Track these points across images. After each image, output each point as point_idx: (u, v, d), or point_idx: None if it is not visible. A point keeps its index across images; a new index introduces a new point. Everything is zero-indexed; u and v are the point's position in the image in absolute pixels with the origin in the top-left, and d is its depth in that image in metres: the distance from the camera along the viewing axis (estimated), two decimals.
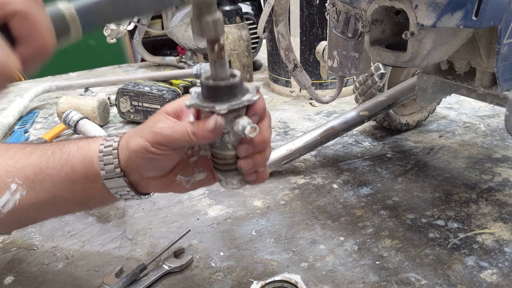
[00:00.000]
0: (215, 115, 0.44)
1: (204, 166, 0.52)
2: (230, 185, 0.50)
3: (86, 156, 0.50)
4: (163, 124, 0.46)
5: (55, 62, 2.82)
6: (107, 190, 0.50)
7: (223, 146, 0.48)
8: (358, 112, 1.04)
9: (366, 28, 0.69)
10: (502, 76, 0.69)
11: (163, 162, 0.48)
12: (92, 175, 0.50)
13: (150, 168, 0.49)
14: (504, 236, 0.75)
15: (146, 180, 0.51)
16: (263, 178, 0.50)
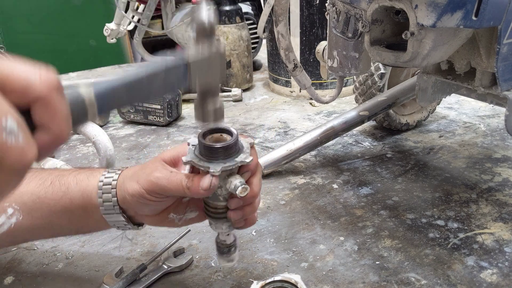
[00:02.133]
0: (210, 176, 0.47)
1: (196, 206, 0.56)
2: (220, 229, 0.54)
3: (85, 191, 0.52)
4: (159, 174, 0.49)
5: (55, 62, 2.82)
6: (104, 221, 0.54)
7: (215, 197, 0.51)
8: (358, 112, 1.04)
9: (366, 28, 0.69)
10: (502, 76, 0.69)
11: (157, 206, 0.52)
12: (91, 208, 0.52)
13: (144, 210, 0.52)
14: (504, 236, 0.75)
15: (140, 217, 0.55)
16: (251, 223, 0.54)
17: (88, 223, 0.55)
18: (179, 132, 1.28)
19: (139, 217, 0.55)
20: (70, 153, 1.17)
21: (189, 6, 1.90)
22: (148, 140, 1.23)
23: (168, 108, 1.29)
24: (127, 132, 1.28)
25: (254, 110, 1.44)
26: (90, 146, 1.18)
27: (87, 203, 0.52)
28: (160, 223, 0.55)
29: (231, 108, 1.46)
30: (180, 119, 1.37)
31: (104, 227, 0.56)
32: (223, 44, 0.43)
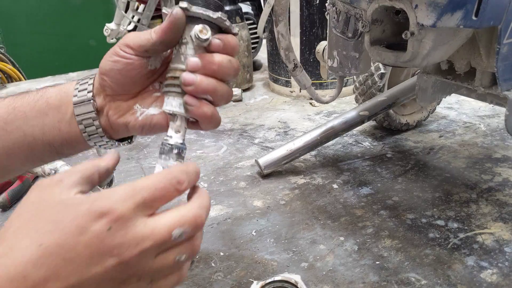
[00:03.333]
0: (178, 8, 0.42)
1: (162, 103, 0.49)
2: (169, 106, 0.44)
3: (62, 88, 0.51)
4: (132, 34, 0.48)
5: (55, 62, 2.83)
6: (75, 122, 0.49)
7: (177, 58, 0.44)
8: (358, 112, 1.04)
9: (366, 28, 0.69)
10: (502, 76, 0.69)
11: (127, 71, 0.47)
12: (65, 105, 0.49)
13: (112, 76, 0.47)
14: (504, 236, 0.75)
15: (108, 105, 0.50)
16: (205, 114, 0.44)
17: (60, 128, 0.50)
18: None
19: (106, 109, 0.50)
20: None
21: None
22: (148, 140, 1.23)
23: None
24: None
25: (254, 110, 1.44)
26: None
27: (63, 100, 0.50)
28: (123, 115, 0.49)
29: (231, 108, 1.46)
30: None
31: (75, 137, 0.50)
32: None
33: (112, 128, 0.51)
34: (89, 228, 0.31)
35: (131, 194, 0.33)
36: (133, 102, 0.50)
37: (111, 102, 0.50)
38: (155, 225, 0.33)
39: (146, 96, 0.50)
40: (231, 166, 1.06)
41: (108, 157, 0.40)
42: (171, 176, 0.36)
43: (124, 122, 0.50)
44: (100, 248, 0.31)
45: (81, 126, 0.49)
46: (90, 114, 0.49)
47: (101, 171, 0.38)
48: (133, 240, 0.32)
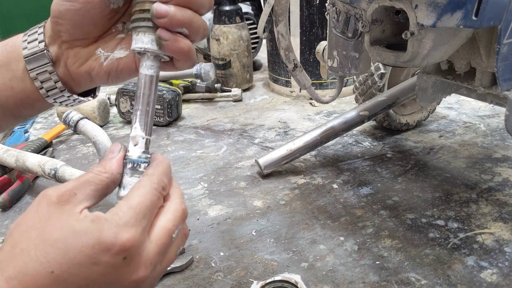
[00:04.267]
0: None
1: (128, 45, 0.44)
2: (139, 43, 0.39)
3: (8, 43, 0.45)
4: None
5: None
6: (28, 77, 0.44)
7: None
8: (358, 112, 1.04)
9: (366, 28, 0.69)
10: (502, 76, 0.69)
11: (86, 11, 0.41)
12: (14, 60, 0.44)
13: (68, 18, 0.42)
14: (504, 236, 0.75)
15: (66, 53, 0.44)
16: (181, 49, 0.39)
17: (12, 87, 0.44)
18: (179, 132, 1.28)
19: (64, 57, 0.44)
20: (70, 153, 1.17)
21: None
22: None
23: (168, 108, 1.29)
24: (127, 132, 1.28)
25: (254, 110, 1.44)
26: (90, 146, 1.18)
27: (10, 57, 0.44)
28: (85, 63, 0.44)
29: (231, 108, 1.47)
30: (180, 119, 1.37)
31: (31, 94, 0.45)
32: None
33: (73, 80, 0.45)
34: (102, 259, 0.31)
35: (135, 218, 0.33)
36: (94, 47, 0.44)
37: (68, 49, 0.44)
38: (158, 238, 0.34)
39: (109, 39, 0.44)
40: (231, 166, 1.06)
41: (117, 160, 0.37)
42: (156, 185, 0.35)
43: (86, 70, 0.44)
44: (116, 276, 0.32)
45: (37, 82, 0.44)
46: (45, 66, 0.43)
47: (115, 179, 0.36)
48: (147, 261, 0.33)
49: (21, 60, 0.43)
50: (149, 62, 0.39)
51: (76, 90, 0.46)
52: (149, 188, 0.35)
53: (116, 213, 0.33)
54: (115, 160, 0.37)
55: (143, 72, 0.39)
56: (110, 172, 0.36)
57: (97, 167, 0.36)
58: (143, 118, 0.38)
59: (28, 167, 0.90)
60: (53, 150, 1.17)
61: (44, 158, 0.90)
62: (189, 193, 0.94)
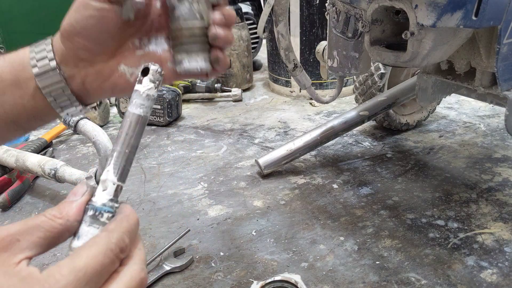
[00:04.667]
0: None
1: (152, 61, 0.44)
2: (194, 63, 0.44)
3: (15, 60, 0.44)
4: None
5: None
6: (40, 95, 0.44)
7: (190, 15, 0.44)
8: (358, 112, 1.04)
9: (366, 28, 0.69)
10: (502, 76, 0.69)
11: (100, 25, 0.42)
12: (24, 79, 0.44)
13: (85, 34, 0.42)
14: (504, 236, 0.75)
15: (84, 71, 0.45)
16: (227, 62, 0.46)
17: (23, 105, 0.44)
18: (179, 132, 1.28)
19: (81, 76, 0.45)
20: (70, 153, 1.17)
21: None
22: (148, 140, 1.23)
23: (168, 108, 1.29)
24: None
25: (254, 110, 1.44)
26: (90, 146, 1.18)
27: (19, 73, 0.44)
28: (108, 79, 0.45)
29: (231, 108, 1.46)
30: (180, 119, 1.37)
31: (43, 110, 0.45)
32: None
33: (89, 95, 0.46)
34: None
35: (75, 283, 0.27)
36: (115, 62, 0.45)
37: (87, 67, 0.44)
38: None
39: (129, 55, 0.46)
40: (231, 166, 1.06)
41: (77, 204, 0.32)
42: (114, 245, 0.30)
43: (109, 87, 0.46)
44: None
45: (50, 98, 0.44)
46: (58, 84, 0.44)
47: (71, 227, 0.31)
48: None
49: (31, 79, 0.44)
50: (140, 101, 0.36)
51: (88, 101, 0.47)
52: (103, 248, 0.29)
53: (53, 275, 0.27)
54: (75, 204, 0.32)
55: (131, 110, 0.36)
56: (65, 218, 0.31)
57: (52, 210, 0.31)
58: (118, 162, 0.35)
59: (28, 167, 0.90)
60: (53, 150, 1.17)
61: (44, 158, 0.90)
62: (189, 193, 0.94)
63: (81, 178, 0.85)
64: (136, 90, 0.36)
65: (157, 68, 0.36)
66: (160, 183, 0.99)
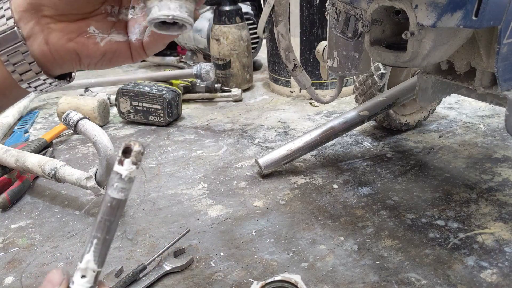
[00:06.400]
0: None
1: (123, 30, 0.43)
2: (165, 10, 0.34)
3: None
4: None
5: None
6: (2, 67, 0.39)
7: None
8: (358, 112, 1.04)
9: (366, 28, 0.69)
10: (502, 76, 0.69)
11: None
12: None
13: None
14: (504, 236, 0.75)
15: (47, 28, 0.39)
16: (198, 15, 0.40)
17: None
18: (179, 132, 1.28)
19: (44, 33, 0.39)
20: (70, 153, 1.17)
21: None
22: (148, 140, 1.23)
23: (168, 108, 1.29)
24: (127, 132, 1.28)
25: (254, 110, 1.44)
26: (90, 146, 1.18)
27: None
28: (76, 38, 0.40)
29: (231, 108, 1.47)
30: (180, 119, 1.37)
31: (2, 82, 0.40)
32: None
33: (53, 58, 0.40)
34: None
35: None
36: (84, 24, 0.40)
37: (51, 23, 0.39)
38: None
39: (99, 19, 0.41)
40: (231, 166, 1.06)
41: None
42: None
43: (74, 48, 0.40)
44: None
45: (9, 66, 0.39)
46: (17, 46, 0.38)
47: None
48: None
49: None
50: (122, 185, 0.33)
51: (53, 72, 0.42)
52: None
53: None
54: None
55: (112, 194, 0.33)
56: None
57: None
58: (98, 249, 0.34)
59: (28, 167, 0.90)
60: (53, 150, 1.17)
61: (44, 158, 0.90)
62: (189, 193, 0.94)
63: (81, 178, 0.85)
64: (118, 172, 0.32)
65: (140, 149, 0.32)
66: (160, 183, 0.99)
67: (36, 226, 0.84)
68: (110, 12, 0.42)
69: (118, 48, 0.42)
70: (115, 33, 0.42)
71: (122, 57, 0.43)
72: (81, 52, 0.41)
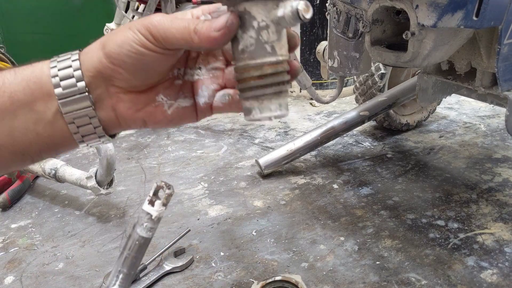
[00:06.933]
0: (227, 13, 0.34)
1: (190, 93, 0.42)
2: (267, 112, 0.34)
3: (30, 78, 0.37)
4: (160, 17, 0.37)
5: None
6: (60, 121, 0.38)
7: (259, 50, 0.34)
8: (359, 112, 1.04)
9: (367, 28, 0.69)
10: (502, 76, 0.69)
11: (150, 65, 0.38)
12: (42, 101, 0.37)
13: (132, 70, 0.38)
14: (504, 236, 0.75)
15: (116, 97, 0.39)
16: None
17: (37, 132, 0.38)
18: (179, 132, 1.28)
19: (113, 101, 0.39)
20: (70, 153, 1.17)
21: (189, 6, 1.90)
22: (148, 140, 1.23)
23: None
24: (127, 132, 1.28)
25: None
26: (90, 146, 1.18)
27: (36, 94, 0.37)
28: (144, 108, 0.40)
29: None
30: None
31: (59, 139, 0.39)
32: None
33: (119, 124, 0.40)
34: None
35: None
36: (153, 93, 0.40)
37: (121, 94, 0.39)
38: None
39: (168, 85, 0.41)
40: (231, 166, 1.06)
41: None
42: None
43: (143, 117, 0.40)
44: None
45: (72, 126, 0.38)
46: (85, 110, 0.37)
47: None
48: None
49: (51, 101, 0.37)
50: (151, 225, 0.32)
51: (112, 132, 0.42)
52: None
53: None
54: None
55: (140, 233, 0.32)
56: None
57: None
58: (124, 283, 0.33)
59: (28, 167, 0.90)
60: None
61: None
62: (189, 193, 0.94)
63: (81, 178, 0.85)
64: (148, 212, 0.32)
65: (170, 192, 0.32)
66: None
67: (36, 225, 0.84)
68: (176, 75, 0.42)
69: (185, 113, 0.42)
70: (182, 97, 0.42)
71: (188, 119, 0.42)
72: (148, 120, 0.41)
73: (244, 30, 0.34)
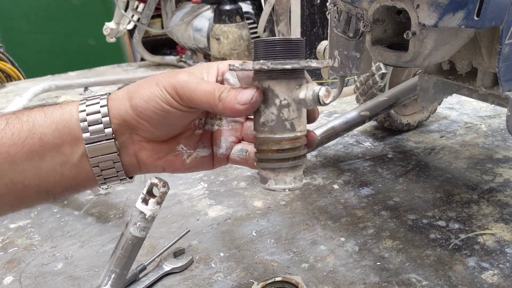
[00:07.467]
0: (253, 89, 0.36)
1: (209, 142, 0.44)
2: (281, 184, 0.36)
3: (60, 121, 0.38)
4: (187, 77, 0.38)
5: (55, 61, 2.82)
6: (85, 164, 0.39)
7: (279, 126, 0.36)
8: (359, 112, 1.04)
9: (368, 27, 0.69)
10: (503, 76, 0.69)
11: (174, 121, 0.39)
12: (69, 144, 0.38)
13: (156, 124, 0.39)
14: (505, 237, 0.75)
15: (139, 145, 0.41)
16: None
17: (63, 174, 0.39)
18: None
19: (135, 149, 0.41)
20: None
21: (189, 5, 1.90)
22: None
23: None
24: None
25: None
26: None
27: (65, 137, 0.38)
28: (164, 157, 0.42)
29: None
30: None
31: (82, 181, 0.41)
32: None
33: (140, 169, 0.43)
34: None
35: None
36: (174, 143, 0.42)
37: (143, 142, 0.41)
38: None
39: (189, 135, 0.43)
40: (231, 166, 1.05)
41: None
42: None
43: (162, 165, 0.43)
44: None
45: (97, 169, 0.40)
46: (110, 155, 0.39)
47: None
48: None
49: (78, 144, 0.39)
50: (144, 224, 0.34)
51: (132, 175, 0.44)
52: None
53: None
54: None
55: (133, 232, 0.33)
56: None
57: None
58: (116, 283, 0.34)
59: None
60: None
61: None
62: (189, 193, 0.94)
63: None
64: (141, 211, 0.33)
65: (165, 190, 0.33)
66: None
67: (35, 226, 0.84)
68: (197, 124, 0.44)
69: (203, 162, 0.44)
70: (201, 147, 0.44)
71: (204, 168, 0.45)
72: (167, 168, 0.43)
73: (266, 106, 0.35)
